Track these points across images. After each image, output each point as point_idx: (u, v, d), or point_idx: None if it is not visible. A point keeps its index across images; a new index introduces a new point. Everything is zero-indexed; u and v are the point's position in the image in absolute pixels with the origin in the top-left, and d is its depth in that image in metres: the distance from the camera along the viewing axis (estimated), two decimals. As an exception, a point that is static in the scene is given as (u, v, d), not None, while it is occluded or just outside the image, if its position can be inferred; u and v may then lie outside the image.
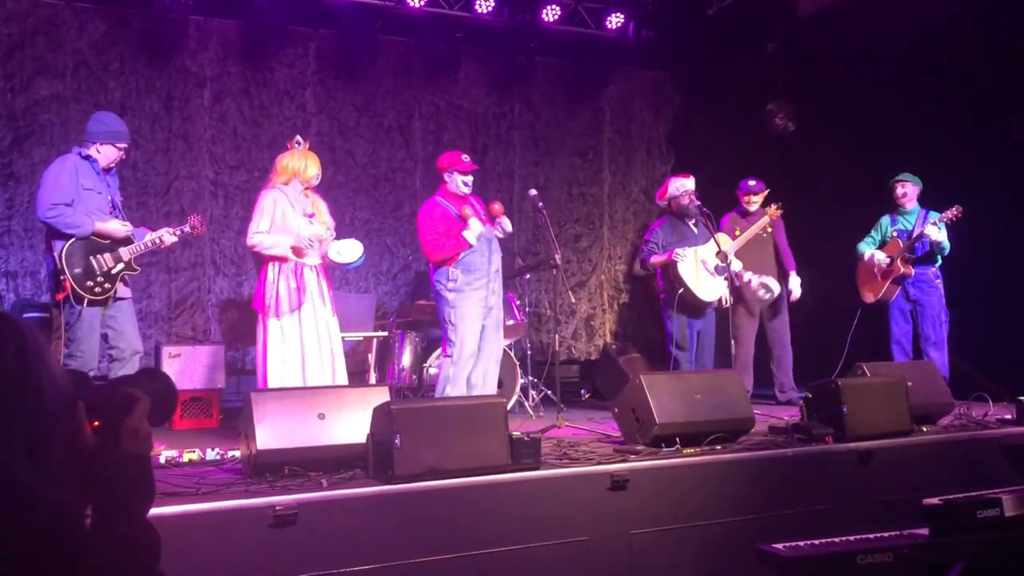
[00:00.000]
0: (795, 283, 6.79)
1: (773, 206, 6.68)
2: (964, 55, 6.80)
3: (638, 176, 9.08)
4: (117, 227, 4.86)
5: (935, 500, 2.41)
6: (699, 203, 6.26)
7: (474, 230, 5.38)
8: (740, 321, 6.78)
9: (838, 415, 4.55)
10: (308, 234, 5.08)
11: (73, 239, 4.73)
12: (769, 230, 6.84)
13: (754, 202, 6.89)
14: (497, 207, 5.60)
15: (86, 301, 4.68)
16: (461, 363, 5.38)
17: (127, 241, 4.91)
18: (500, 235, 5.63)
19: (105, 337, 4.87)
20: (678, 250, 6.21)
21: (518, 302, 6.96)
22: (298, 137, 5.41)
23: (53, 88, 6.75)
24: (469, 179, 5.55)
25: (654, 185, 9.04)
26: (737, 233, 6.64)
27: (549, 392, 6.87)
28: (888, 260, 6.55)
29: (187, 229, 5.12)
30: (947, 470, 4.59)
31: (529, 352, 7.14)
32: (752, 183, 6.91)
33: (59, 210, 4.69)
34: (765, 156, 8.14)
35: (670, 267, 6.24)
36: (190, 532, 3.11)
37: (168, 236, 5.03)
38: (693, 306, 6.28)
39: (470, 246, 5.38)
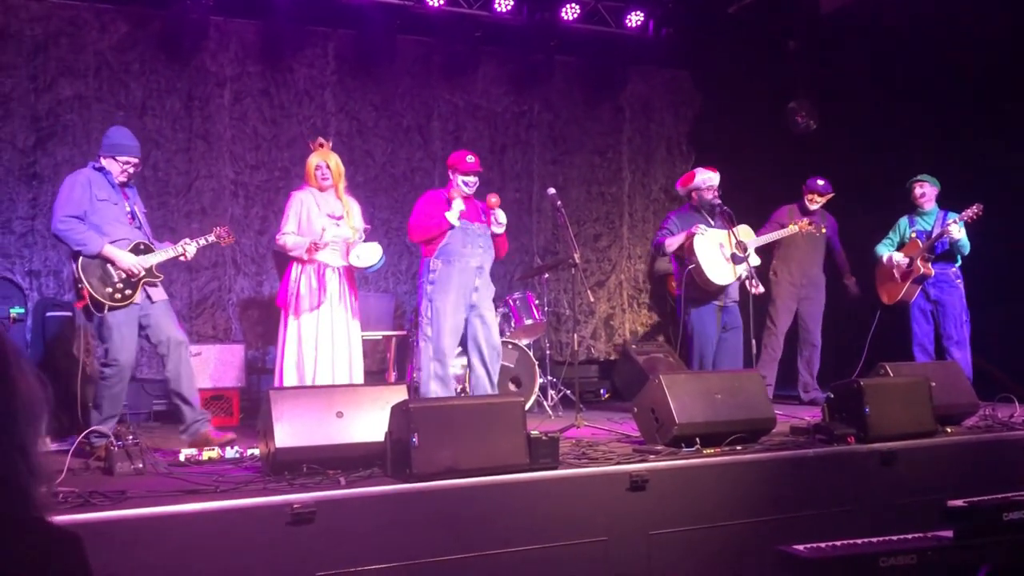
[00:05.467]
0: (852, 284, 7.05)
1: (805, 220, 6.59)
2: (988, 52, 6.71)
3: (658, 175, 9.03)
4: (126, 258, 4.74)
5: (959, 502, 2.38)
6: (720, 201, 6.19)
7: (455, 210, 5.38)
8: (776, 316, 6.79)
9: (860, 416, 4.50)
10: (331, 235, 5.14)
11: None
12: (824, 230, 6.80)
13: (817, 201, 6.85)
14: (493, 200, 5.56)
15: (107, 308, 4.68)
16: (440, 358, 5.32)
17: (147, 250, 4.89)
18: (497, 229, 5.57)
19: (147, 339, 4.88)
20: (700, 225, 6.07)
21: (537, 301, 6.94)
22: (319, 139, 5.46)
23: (76, 88, 6.80)
24: (470, 179, 5.54)
25: (674, 184, 9.00)
26: (792, 227, 6.52)
27: (568, 392, 6.85)
28: (907, 261, 6.50)
29: (211, 239, 5.08)
30: (972, 471, 4.53)
31: (548, 352, 7.12)
32: (821, 183, 6.85)
33: (70, 224, 4.66)
34: (786, 155, 8.08)
35: (686, 243, 6.08)
36: (209, 529, 3.13)
37: (190, 247, 4.99)
38: (703, 291, 6.08)
39: (451, 226, 5.35)
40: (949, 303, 6.44)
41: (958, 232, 6.27)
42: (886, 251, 6.68)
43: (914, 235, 6.58)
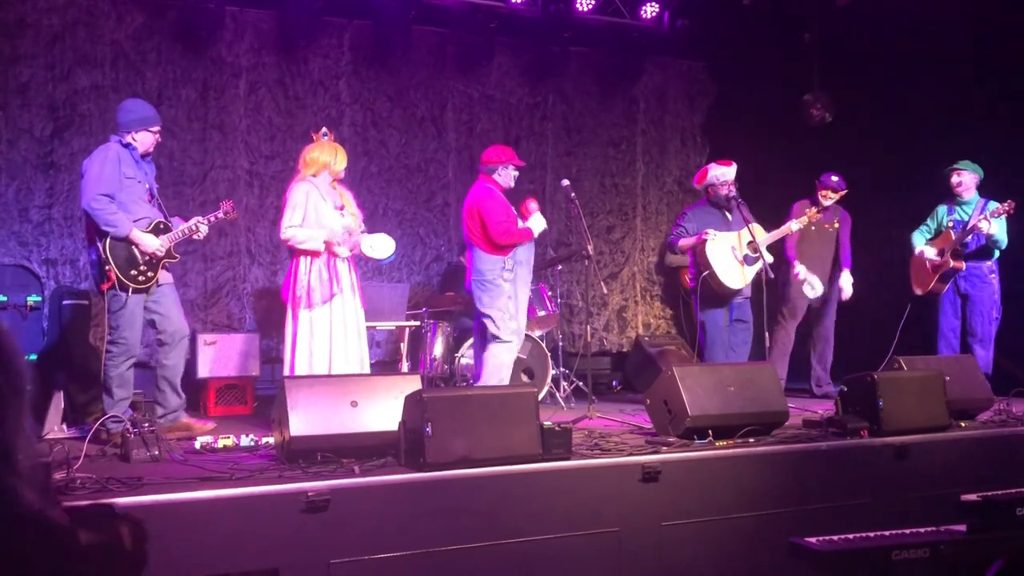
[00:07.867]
0: (846, 281, 6.70)
1: (812, 208, 6.51)
2: (1007, 42, 6.65)
3: (672, 167, 9.01)
4: (151, 242, 4.79)
5: (973, 496, 2.37)
6: (736, 194, 6.18)
7: (539, 224, 5.65)
8: (789, 311, 6.72)
9: (874, 409, 4.49)
10: (341, 227, 5.09)
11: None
12: (836, 225, 6.74)
13: (831, 198, 6.68)
14: (533, 205, 5.70)
15: (131, 290, 4.73)
16: (514, 348, 5.59)
17: (166, 230, 4.94)
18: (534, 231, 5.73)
19: (152, 323, 4.93)
20: (710, 230, 6.07)
21: (550, 293, 6.95)
22: (324, 129, 5.42)
23: (92, 78, 6.84)
24: (517, 173, 5.75)
25: (688, 176, 8.97)
26: (797, 222, 6.36)
27: (581, 383, 6.85)
28: (938, 254, 6.39)
29: (220, 215, 5.14)
30: (986, 466, 4.52)
31: (561, 343, 7.13)
32: (835, 179, 6.68)
33: (103, 203, 4.68)
34: (801, 147, 8.05)
35: (698, 248, 6.10)
36: (224, 516, 3.16)
37: (203, 226, 5.04)
38: (717, 294, 6.09)
39: (534, 238, 5.62)
40: (978, 299, 6.32)
41: (988, 227, 6.11)
42: (921, 240, 6.54)
43: (951, 224, 6.42)
